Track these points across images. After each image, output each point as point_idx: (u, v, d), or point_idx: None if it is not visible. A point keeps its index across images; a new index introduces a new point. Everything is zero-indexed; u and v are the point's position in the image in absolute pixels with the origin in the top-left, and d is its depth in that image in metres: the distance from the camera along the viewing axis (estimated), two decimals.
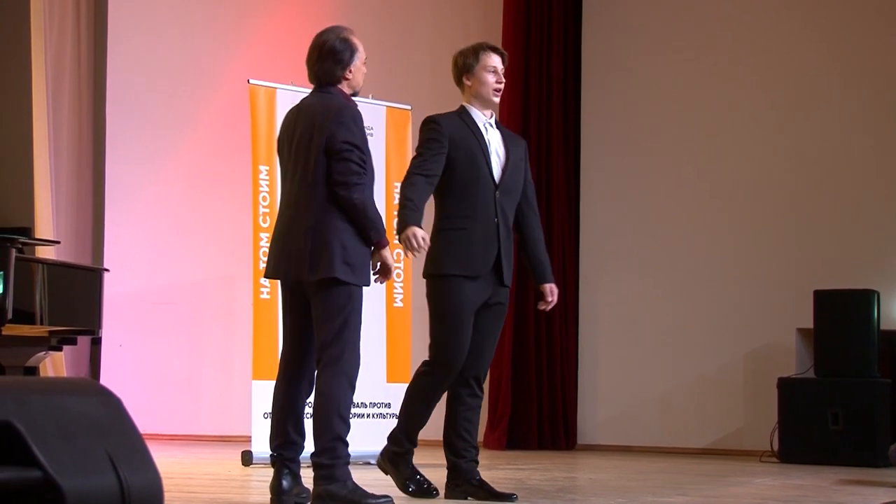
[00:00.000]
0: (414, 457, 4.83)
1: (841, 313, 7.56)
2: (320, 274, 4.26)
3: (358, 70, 4.50)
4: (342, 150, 4.27)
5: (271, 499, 4.35)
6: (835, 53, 8.32)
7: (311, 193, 4.31)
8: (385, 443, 4.85)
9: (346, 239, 4.28)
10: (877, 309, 7.57)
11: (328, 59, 4.45)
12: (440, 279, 4.62)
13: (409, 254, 4.58)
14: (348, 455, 4.25)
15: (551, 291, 4.88)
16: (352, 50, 4.47)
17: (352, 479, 4.22)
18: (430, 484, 4.75)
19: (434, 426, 4.84)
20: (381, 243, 4.33)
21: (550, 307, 4.96)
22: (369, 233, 4.29)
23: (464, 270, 4.60)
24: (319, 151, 4.30)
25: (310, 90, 6.97)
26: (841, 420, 7.36)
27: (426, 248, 4.53)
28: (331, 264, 4.25)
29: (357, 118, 4.36)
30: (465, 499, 4.65)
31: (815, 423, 7.40)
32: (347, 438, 4.25)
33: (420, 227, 4.50)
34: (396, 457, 4.77)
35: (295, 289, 4.42)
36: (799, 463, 7.24)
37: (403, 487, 4.74)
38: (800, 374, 7.80)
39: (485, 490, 4.66)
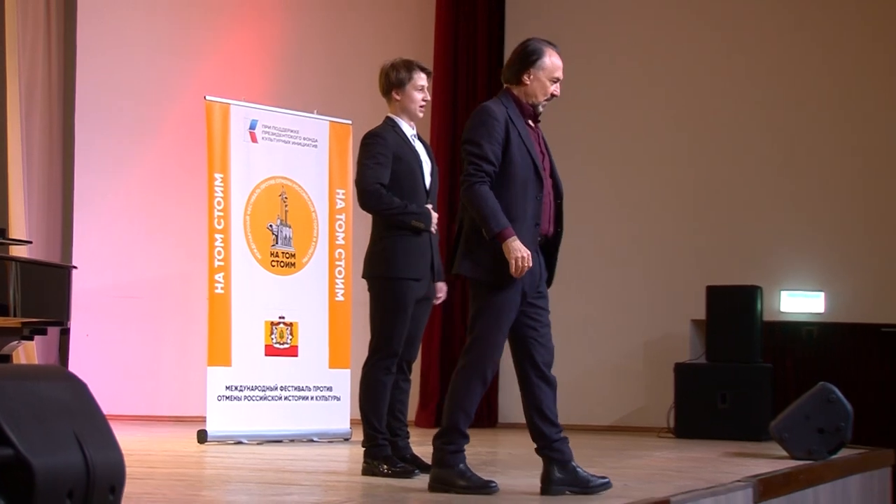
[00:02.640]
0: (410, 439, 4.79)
1: (729, 306, 7.67)
2: (453, 270, 4.02)
3: (539, 81, 3.97)
4: (463, 150, 3.94)
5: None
6: (735, 55, 8.31)
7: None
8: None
9: (474, 236, 3.92)
10: (760, 302, 7.71)
11: (518, 55, 4.01)
12: (392, 281, 4.58)
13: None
14: (463, 443, 4.06)
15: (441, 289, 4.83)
16: (540, 56, 3.96)
17: (464, 464, 4.01)
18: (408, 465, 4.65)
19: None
20: (498, 237, 3.84)
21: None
22: (481, 228, 3.87)
23: (413, 274, 4.61)
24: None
25: (262, 106, 6.96)
26: (729, 400, 7.48)
27: None
28: (459, 260, 3.99)
29: (483, 115, 3.89)
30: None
31: (706, 402, 7.51)
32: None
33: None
34: (377, 448, 4.62)
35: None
36: (692, 438, 7.33)
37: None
38: (693, 360, 7.92)
39: (417, 464, 4.67)
